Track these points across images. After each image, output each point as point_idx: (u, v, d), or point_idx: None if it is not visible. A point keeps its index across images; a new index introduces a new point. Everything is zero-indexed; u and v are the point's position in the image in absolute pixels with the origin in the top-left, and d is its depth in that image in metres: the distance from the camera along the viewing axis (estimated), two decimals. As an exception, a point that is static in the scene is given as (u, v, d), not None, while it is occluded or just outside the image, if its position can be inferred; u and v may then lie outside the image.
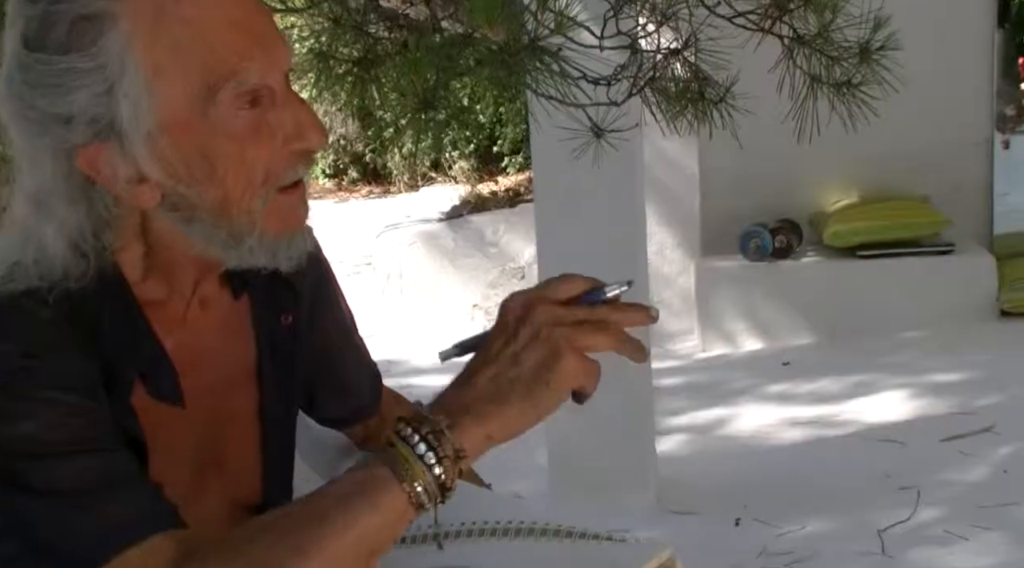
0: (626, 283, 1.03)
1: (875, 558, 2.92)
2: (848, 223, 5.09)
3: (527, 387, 0.97)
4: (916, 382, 4.31)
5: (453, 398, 0.99)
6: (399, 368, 5.23)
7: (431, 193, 7.62)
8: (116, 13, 0.96)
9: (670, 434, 3.99)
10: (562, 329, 0.98)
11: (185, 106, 0.98)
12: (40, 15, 0.97)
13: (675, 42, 2.00)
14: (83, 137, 0.98)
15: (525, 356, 0.98)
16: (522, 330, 0.99)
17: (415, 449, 0.95)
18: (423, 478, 0.95)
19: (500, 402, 0.97)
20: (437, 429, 0.96)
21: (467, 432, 0.97)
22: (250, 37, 1.00)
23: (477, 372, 0.99)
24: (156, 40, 0.97)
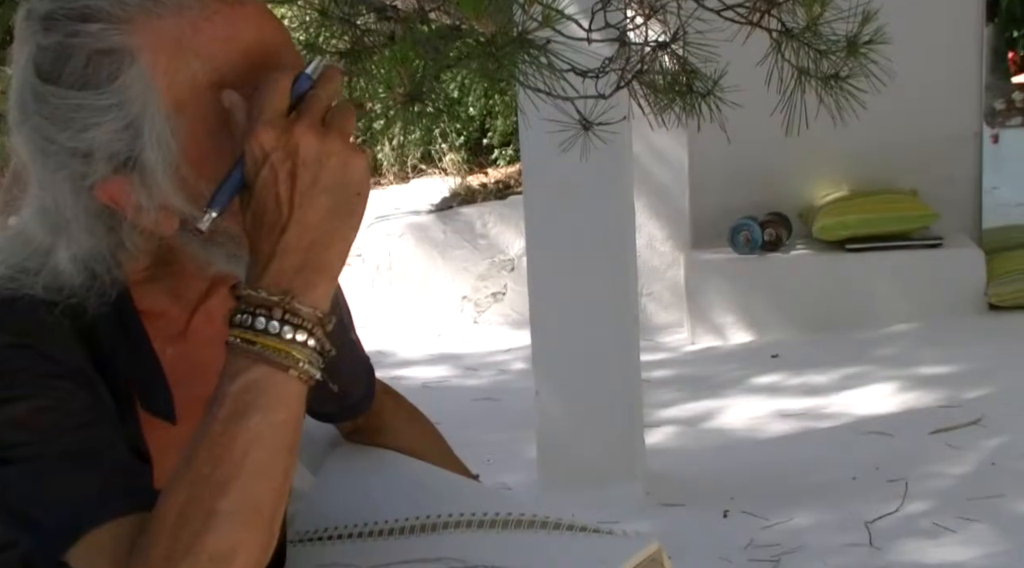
0: (318, 56, 0.98)
1: (862, 550, 2.93)
2: (837, 216, 5.10)
3: (343, 209, 0.93)
4: (904, 375, 4.32)
5: (281, 265, 0.93)
6: (389, 359, 5.23)
7: (421, 185, 7.59)
8: (134, 48, 0.94)
9: (659, 426, 4.00)
10: (330, 135, 0.93)
11: (205, 139, 0.97)
12: (55, 47, 0.95)
13: (663, 35, 2.00)
14: (103, 172, 0.97)
15: (324, 180, 0.92)
16: (298, 159, 0.92)
17: (282, 336, 0.92)
18: (303, 355, 0.93)
19: (328, 239, 0.93)
20: (288, 306, 0.92)
21: (316, 289, 0.93)
22: (269, 66, 0.97)
23: (280, 226, 0.93)
24: (175, 76, 0.95)
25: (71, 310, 1.01)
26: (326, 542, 1.32)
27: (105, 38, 0.94)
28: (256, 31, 0.98)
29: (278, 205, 0.92)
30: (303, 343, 0.92)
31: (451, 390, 4.87)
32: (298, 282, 0.93)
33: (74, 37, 0.95)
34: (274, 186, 0.92)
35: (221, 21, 0.96)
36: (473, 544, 1.23)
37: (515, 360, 5.09)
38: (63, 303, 1.00)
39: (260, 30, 0.99)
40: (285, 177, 0.92)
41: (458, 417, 4.18)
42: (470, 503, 1.29)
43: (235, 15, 0.97)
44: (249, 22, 0.98)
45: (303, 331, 0.92)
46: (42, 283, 1.00)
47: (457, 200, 6.55)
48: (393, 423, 1.47)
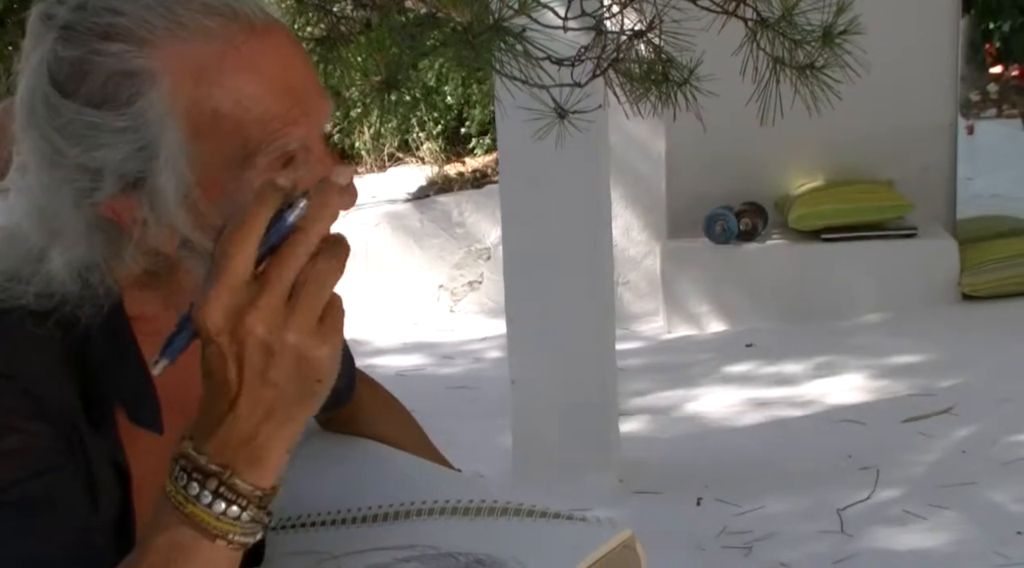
0: (303, 197, 0.85)
1: (834, 536, 2.96)
2: (813, 206, 5.12)
3: (299, 397, 0.86)
4: (878, 364, 4.35)
5: (227, 435, 0.86)
6: (364, 348, 5.23)
7: (398, 173, 7.58)
8: (156, 72, 0.91)
9: (634, 415, 4.01)
10: (287, 329, 0.84)
11: (220, 168, 0.94)
12: (74, 61, 0.92)
13: (639, 24, 2.00)
14: (110, 190, 0.94)
15: (273, 375, 0.85)
16: (247, 350, 0.84)
17: (212, 508, 0.86)
18: (235, 529, 0.87)
19: (281, 418, 0.86)
20: (226, 481, 0.86)
21: (262, 466, 0.87)
22: (293, 101, 0.95)
23: (228, 401, 0.86)
24: (196, 104, 0.92)
25: (64, 320, 0.99)
26: (299, 529, 1.32)
27: (128, 59, 0.92)
28: (282, 65, 0.95)
29: (226, 382, 0.85)
30: (236, 517, 0.87)
31: (426, 378, 4.88)
32: (243, 455, 0.86)
33: (95, 55, 0.92)
34: (222, 364, 0.85)
35: (247, 51, 0.93)
36: (447, 531, 1.24)
37: (491, 349, 5.09)
38: (56, 314, 0.98)
39: (286, 64, 0.96)
40: (233, 361, 0.85)
41: (433, 405, 4.18)
42: (444, 491, 1.29)
43: (262, 46, 0.94)
44: (276, 54, 0.95)
45: (237, 507, 0.86)
46: (34, 290, 0.98)
47: (434, 189, 6.54)
48: (369, 411, 1.47)
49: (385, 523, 1.28)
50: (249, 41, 0.94)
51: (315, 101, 0.98)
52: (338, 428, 1.48)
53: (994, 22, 7.56)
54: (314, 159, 0.98)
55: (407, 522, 1.27)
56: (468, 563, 1.17)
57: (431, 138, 8.21)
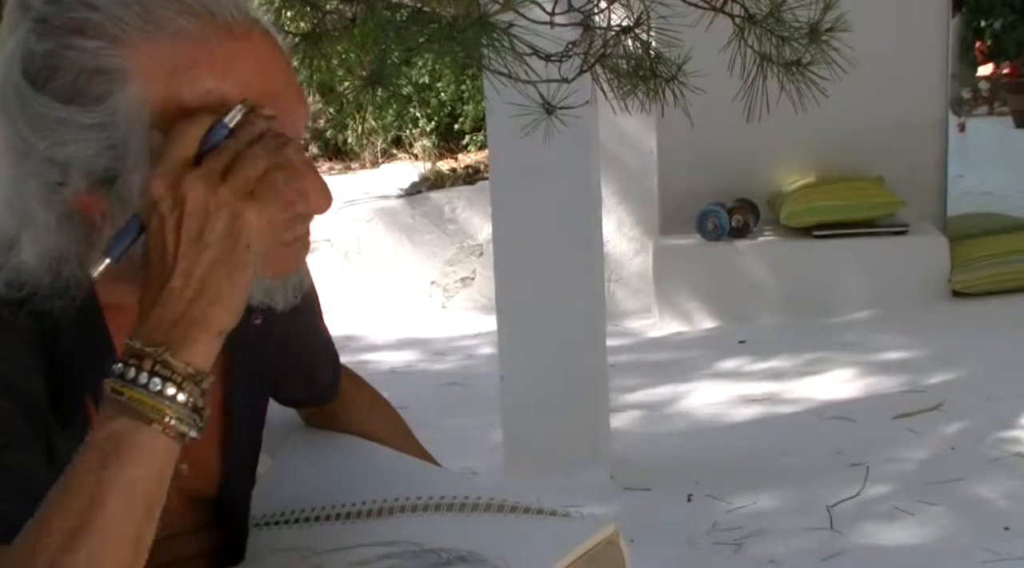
0: (240, 103, 0.92)
1: (823, 533, 2.96)
2: (804, 203, 5.12)
3: (230, 263, 0.90)
4: (868, 361, 4.35)
5: (160, 315, 0.90)
6: (357, 344, 5.23)
7: (391, 170, 7.58)
8: (127, 71, 0.91)
9: (625, 411, 4.01)
10: (224, 187, 0.90)
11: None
12: (45, 54, 0.92)
13: (627, 19, 2.00)
14: (78, 185, 0.94)
15: (209, 234, 0.89)
16: (186, 210, 0.89)
17: (149, 388, 0.88)
18: (171, 411, 0.89)
19: (212, 294, 0.90)
20: (160, 358, 0.88)
21: (194, 344, 0.90)
22: (267, 104, 0.95)
23: (165, 275, 0.90)
24: (166, 104, 0.92)
25: (35, 310, 0.99)
26: (283, 526, 1.32)
27: (100, 57, 0.91)
28: (258, 69, 0.95)
29: (164, 255, 0.90)
30: (172, 397, 0.89)
31: (418, 375, 4.87)
32: (175, 334, 0.89)
33: (68, 50, 0.92)
34: (161, 235, 0.90)
35: (221, 54, 0.93)
36: (430, 527, 1.24)
37: (483, 345, 5.09)
38: (28, 304, 0.98)
39: (262, 68, 0.96)
40: (172, 227, 0.89)
41: (425, 402, 4.20)
42: (428, 487, 1.29)
43: (237, 48, 0.94)
44: (252, 58, 0.95)
45: (172, 385, 0.89)
46: (4, 279, 0.98)
47: (426, 185, 6.54)
48: (353, 408, 1.48)
49: (369, 519, 1.29)
50: (225, 43, 0.93)
51: (291, 106, 0.98)
52: (322, 424, 1.48)
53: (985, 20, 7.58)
54: (292, 168, 0.97)
55: (391, 518, 1.27)
56: (451, 559, 1.18)
57: (424, 134, 8.21)
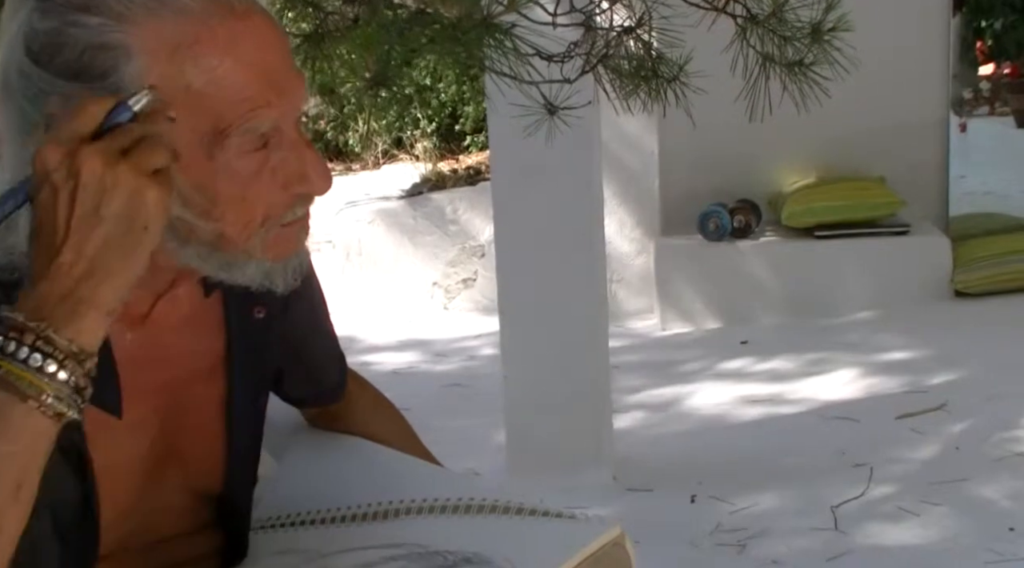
0: (146, 89, 0.91)
1: (827, 533, 2.95)
2: (805, 203, 5.12)
3: (124, 242, 0.88)
4: (871, 361, 4.35)
5: (47, 291, 0.87)
6: (358, 345, 5.22)
7: (392, 171, 7.57)
8: (131, 47, 0.92)
9: (628, 412, 4.01)
10: (122, 164, 0.87)
11: (191, 145, 0.95)
12: (49, 32, 0.93)
13: (629, 20, 2.00)
14: None
15: (105, 210, 0.87)
16: (81, 182, 0.86)
17: (29, 363, 0.86)
18: (50, 388, 0.86)
19: (103, 273, 0.88)
20: (42, 333, 0.86)
21: (80, 321, 0.87)
22: (267, 82, 0.96)
23: (55, 249, 0.87)
24: (169, 80, 0.93)
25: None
26: (288, 528, 1.32)
27: (104, 33, 0.92)
28: (258, 47, 0.96)
29: (55, 227, 0.87)
30: (52, 375, 0.86)
31: (420, 376, 4.87)
32: (61, 311, 0.87)
33: (72, 27, 0.92)
34: (53, 207, 0.87)
35: (223, 32, 0.94)
36: (435, 529, 1.24)
37: (485, 346, 5.09)
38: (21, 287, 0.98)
39: (262, 47, 0.97)
40: (65, 199, 0.87)
41: (427, 403, 4.19)
42: (432, 489, 1.29)
43: (239, 27, 0.95)
44: (253, 37, 0.96)
45: (53, 362, 0.86)
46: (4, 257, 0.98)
47: (427, 186, 6.53)
48: (357, 408, 1.47)
49: (374, 522, 1.28)
50: (226, 22, 0.95)
51: (290, 84, 0.99)
52: (327, 425, 1.48)
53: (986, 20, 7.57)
54: (287, 143, 0.99)
55: (395, 521, 1.27)
56: (456, 561, 1.17)
57: (425, 136, 8.21)
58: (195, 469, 1.22)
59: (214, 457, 1.23)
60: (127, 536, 1.18)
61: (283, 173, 1.00)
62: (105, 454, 1.08)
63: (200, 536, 1.28)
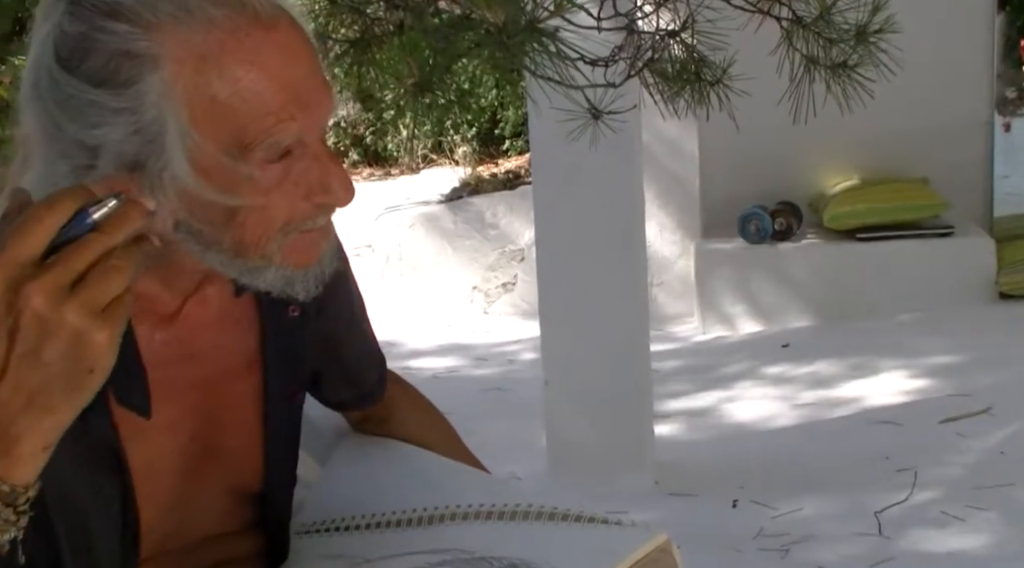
0: (113, 197, 0.86)
1: (871, 539, 2.93)
2: (848, 205, 5.08)
3: (67, 385, 0.83)
4: (915, 364, 4.31)
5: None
6: (398, 350, 5.24)
7: (432, 175, 7.59)
8: (158, 56, 0.92)
9: (669, 416, 3.99)
10: (68, 304, 0.82)
11: (215, 156, 0.95)
12: (78, 37, 0.93)
13: (672, 23, 1.99)
14: (107, 169, 0.94)
15: (46, 354, 0.82)
16: (21, 322, 0.82)
17: None
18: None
19: (42, 410, 0.83)
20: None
21: (14, 459, 0.84)
22: (291, 96, 0.95)
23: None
24: (195, 90, 0.93)
25: None
26: (332, 533, 1.32)
27: (131, 40, 0.92)
28: (284, 59, 0.96)
29: (8, 347, 0.82)
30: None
31: (460, 380, 4.88)
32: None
33: (99, 32, 0.92)
34: (20, 342, 0.82)
35: (250, 44, 0.94)
36: (479, 535, 1.23)
37: (524, 350, 5.09)
38: None
39: (289, 58, 0.96)
40: (4, 335, 0.82)
41: (467, 407, 4.19)
42: (477, 494, 1.29)
43: (266, 40, 0.95)
44: (279, 48, 0.96)
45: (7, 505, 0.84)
46: None
47: (467, 190, 6.54)
48: (401, 413, 1.47)
49: (419, 527, 1.28)
50: (253, 33, 0.94)
51: (316, 97, 0.98)
52: (371, 429, 1.48)
53: (1030, 19, 7.49)
54: (311, 155, 0.99)
55: (440, 526, 1.27)
56: (502, 567, 1.17)
57: (465, 140, 8.22)
58: (233, 467, 1.22)
59: (252, 455, 1.24)
60: (168, 537, 1.19)
61: (305, 183, 1.00)
62: (142, 454, 1.09)
63: (240, 537, 1.29)
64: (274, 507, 1.30)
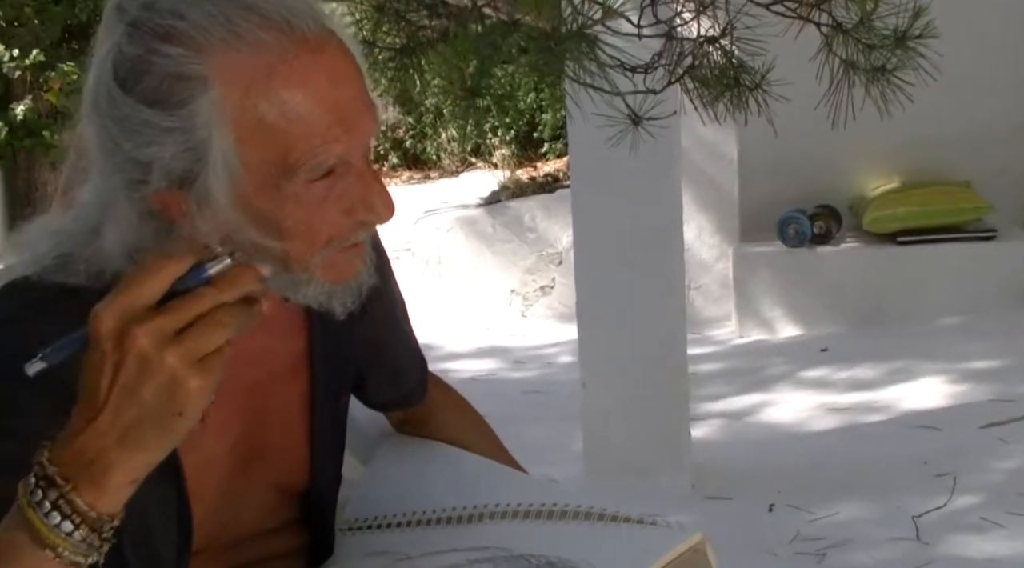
0: (228, 256, 0.92)
1: (909, 544, 2.92)
2: (888, 209, 5.05)
3: (158, 424, 0.89)
4: (955, 368, 4.29)
5: (80, 447, 0.89)
6: (437, 353, 5.27)
7: (471, 179, 7.63)
8: (209, 78, 0.95)
9: (707, 419, 4.00)
10: (170, 349, 0.88)
11: (261, 176, 0.98)
12: (135, 58, 0.97)
13: (712, 30, 2.01)
14: (159, 185, 0.98)
15: (143, 391, 0.88)
16: (126, 359, 0.88)
17: (48, 519, 0.89)
18: (65, 545, 0.89)
19: (134, 444, 0.89)
20: (66, 494, 0.89)
21: (104, 488, 0.89)
22: (336, 118, 0.98)
23: (94, 410, 0.89)
24: (243, 112, 0.96)
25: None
26: (375, 530, 1.35)
27: (183, 63, 0.95)
28: (330, 82, 0.98)
29: (96, 390, 0.89)
30: (68, 533, 0.89)
31: (499, 383, 4.90)
32: (87, 473, 0.89)
33: (154, 55, 0.96)
34: (99, 370, 0.88)
35: (298, 67, 0.97)
36: (519, 534, 1.26)
37: (563, 353, 5.10)
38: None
39: (335, 81, 0.99)
40: (109, 369, 0.88)
41: (506, 410, 4.21)
42: (517, 494, 1.31)
43: (313, 63, 0.97)
44: (326, 71, 0.98)
45: (71, 523, 0.89)
46: (86, 268, 1.03)
47: (506, 194, 6.57)
48: (442, 414, 1.50)
49: (459, 525, 1.31)
50: (301, 56, 0.97)
51: (360, 119, 1.01)
52: (412, 430, 1.51)
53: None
54: (354, 174, 1.02)
55: (480, 525, 1.29)
56: (540, 565, 1.19)
57: (504, 143, 8.24)
58: (280, 466, 1.26)
59: (298, 454, 1.27)
60: (216, 533, 1.23)
61: (348, 200, 1.02)
62: (193, 454, 1.12)
63: (286, 533, 1.32)
64: (318, 505, 1.33)
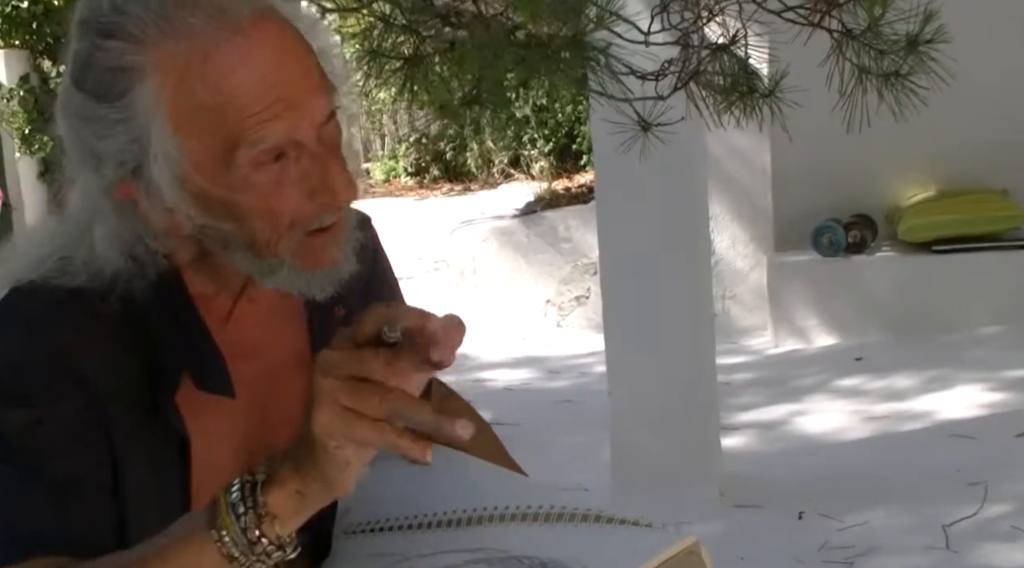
0: (398, 331, 0.93)
1: (939, 552, 2.90)
2: (924, 217, 5.02)
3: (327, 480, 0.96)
4: (990, 378, 4.25)
5: (292, 442, 0.96)
6: (473, 362, 5.29)
7: (509, 190, 7.65)
8: (145, 68, 0.98)
9: (741, 429, 3.99)
10: (331, 380, 0.92)
11: (207, 161, 1.00)
12: (82, 55, 1.01)
13: (722, 37, 2.01)
14: (114, 175, 1.02)
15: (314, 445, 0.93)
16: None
17: (229, 496, 0.95)
18: (230, 529, 0.94)
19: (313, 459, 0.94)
20: (253, 480, 0.95)
21: (279, 487, 0.95)
22: (275, 96, 0.99)
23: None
24: (180, 99, 0.98)
25: (125, 295, 1.06)
26: (376, 533, 1.36)
27: (119, 56, 0.99)
28: (266, 61, 1.00)
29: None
30: (238, 516, 0.95)
31: (533, 392, 4.91)
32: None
33: (97, 50, 1.00)
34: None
35: (232, 50, 0.98)
36: (515, 536, 1.26)
37: (597, 363, 5.09)
38: (115, 290, 1.05)
39: (271, 60, 1.00)
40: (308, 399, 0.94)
41: (539, 419, 4.24)
42: (514, 497, 1.32)
43: (249, 44, 0.99)
44: (261, 51, 0.99)
45: (243, 505, 0.95)
46: (85, 269, 1.06)
47: (541, 204, 6.59)
48: (444, 418, 1.51)
49: (458, 528, 1.32)
50: (233, 38, 0.99)
51: (306, 97, 1.01)
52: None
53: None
54: (309, 154, 1.02)
55: (478, 527, 1.30)
56: (532, 566, 1.20)
57: (543, 155, 8.27)
58: None
59: None
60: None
61: (306, 183, 1.03)
62: (202, 450, 1.15)
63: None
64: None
